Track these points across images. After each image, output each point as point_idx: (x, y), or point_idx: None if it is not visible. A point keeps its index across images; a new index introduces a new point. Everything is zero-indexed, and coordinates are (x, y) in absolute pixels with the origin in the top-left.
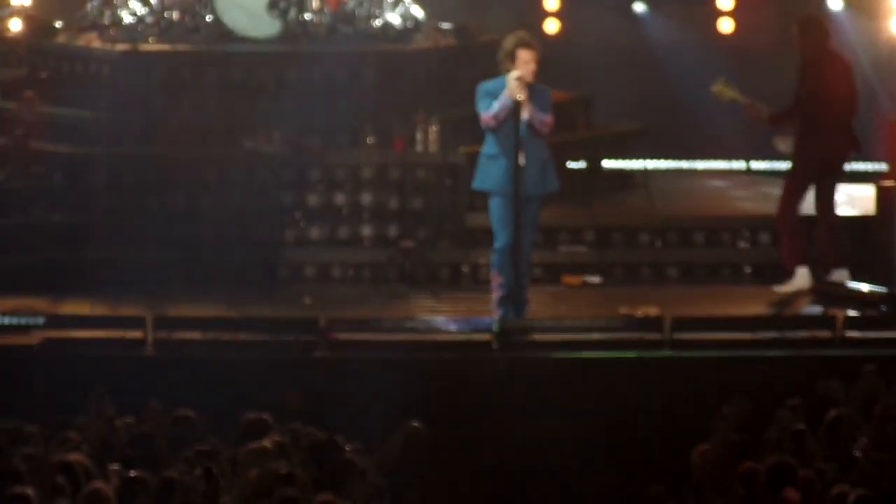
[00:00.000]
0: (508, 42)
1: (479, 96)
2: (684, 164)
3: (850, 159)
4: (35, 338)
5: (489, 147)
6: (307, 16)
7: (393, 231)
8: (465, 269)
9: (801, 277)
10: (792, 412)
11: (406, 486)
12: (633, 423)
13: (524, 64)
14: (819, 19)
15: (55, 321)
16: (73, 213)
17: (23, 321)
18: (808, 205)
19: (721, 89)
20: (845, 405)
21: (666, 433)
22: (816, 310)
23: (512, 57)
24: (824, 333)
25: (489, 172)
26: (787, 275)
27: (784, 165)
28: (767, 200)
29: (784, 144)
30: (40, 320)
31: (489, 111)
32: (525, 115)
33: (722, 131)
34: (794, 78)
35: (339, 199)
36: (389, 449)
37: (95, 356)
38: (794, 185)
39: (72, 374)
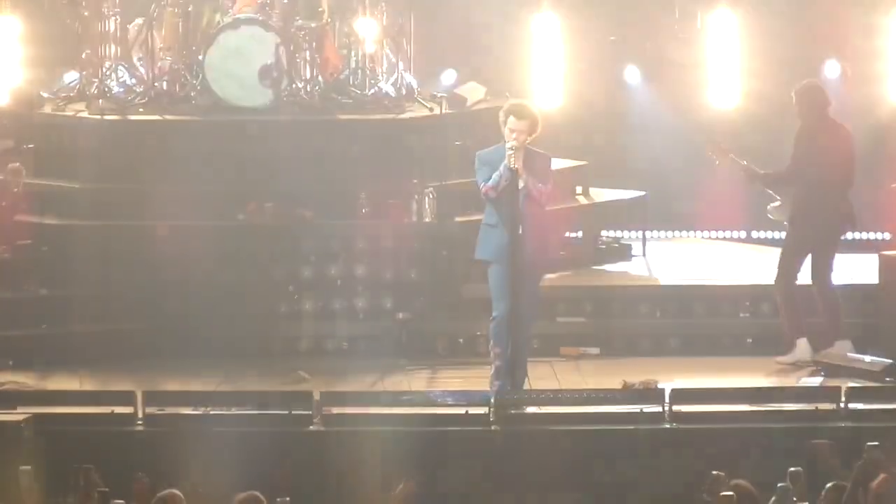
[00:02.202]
0: (501, 110)
1: (476, 165)
2: (683, 234)
3: (844, 232)
4: (23, 413)
5: (489, 216)
6: (299, 84)
7: (388, 303)
8: (462, 340)
9: (802, 348)
10: (793, 484)
11: None
12: (634, 497)
13: (514, 133)
14: (819, 87)
15: (43, 396)
16: (61, 286)
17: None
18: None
19: (716, 152)
20: (845, 473)
21: None
22: (818, 381)
23: (504, 125)
24: (827, 405)
25: (488, 241)
26: (788, 346)
27: (783, 234)
28: (768, 270)
29: (778, 213)
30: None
31: (488, 183)
32: (522, 184)
33: (721, 200)
34: (792, 144)
35: (333, 270)
36: None
37: (84, 432)
38: (790, 254)
39: (60, 450)
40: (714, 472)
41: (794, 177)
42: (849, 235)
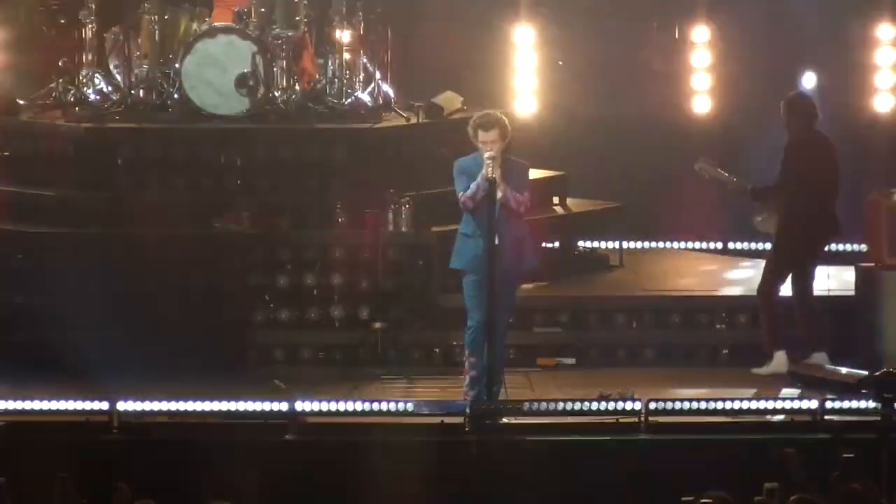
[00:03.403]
0: (469, 125)
1: (455, 174)
2: (661, 244)
3: (830, 243)
4: None
5: (465, 226)
6: (276, 93)
7: (364, 312)
8: (438, 350)
9: (779, 360)
10: (769, 497)
11: None
12: None
13: (487, 145)
14: (808, 99)
15: (17, 405)
16: (36, 294)
17: None
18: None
19: (703, 167)
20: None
21: None
22: (794, 393)
23: (475, 138)
24: (802, 417)
25: (464, 251)
26: (767, 357)
27: (761, 245)
28: (745, 281)
29: (765, 225)
30: None
31: (466, 193)
32: (500, 194)
33: (699, 211)
34: (779, 157)
35: (309, 279)
36: None
37: (59, 440)
38: (777, 265)
39: (35, 459)
40: (684, 499)
41: (783, 190)
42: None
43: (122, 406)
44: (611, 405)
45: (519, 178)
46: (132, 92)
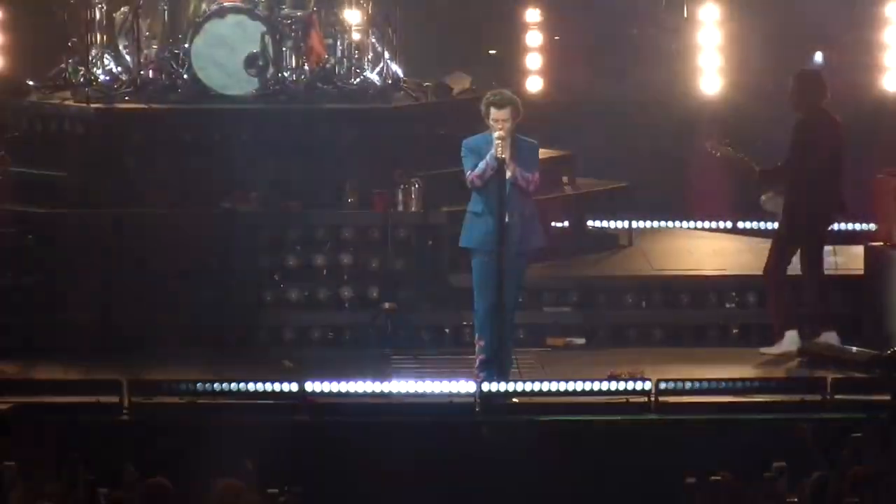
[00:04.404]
0: (482, 102)
1: (463, 153)
2: (670, 224)
3: (836, 220)
4: (6, 403)
5: (474, 205)
6: (285, 73)
7: (374, 292)
8: (448, 330)
9: (790, 339)
10: (778, 475)
11: None
12: (619, 487)
13: (499, 123)
14: (818, 75)
15: (28, 386)
16: (46, 274)
17: None
18: (796, 265)
19: (714, 145)
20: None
21: (651, 498)
22: (804, 372)
23: (487, 117)
24: (813, 397)
25: (473, 230)
26: (776, 336)
27: (771, 225)
28: (754, 260)
29: (771, 204)
30: None
31: (474, 171)
32: (509, 173)
33: (708, 190)
34: (787, 135)
35: (319, 259)
36: None
37: (70, 421)
38: (781, 244)
39: (45, 440)
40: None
41: (790, 170)
42: (835, 226)
43: (132, 387)
44: (621, 385)
45: (529, 157)
46: (141, 72)
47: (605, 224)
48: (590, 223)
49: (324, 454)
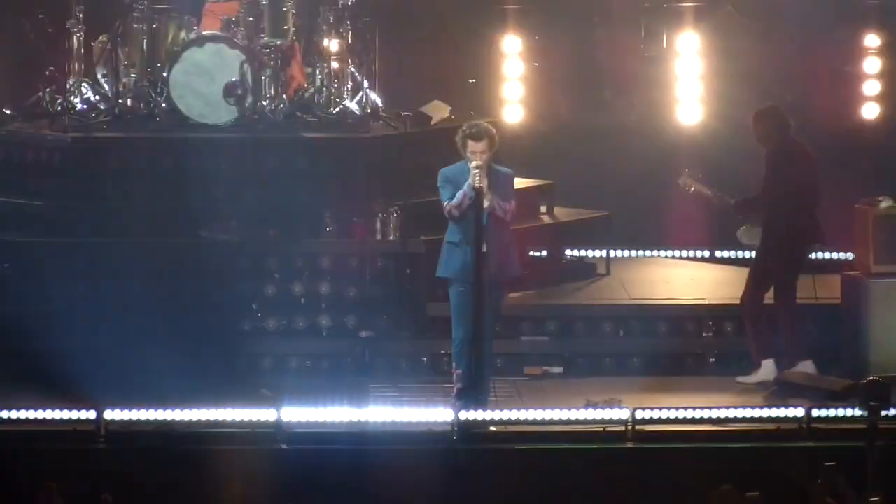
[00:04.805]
0: (458, 135)
1: (440, 182)
2: (647, 253)
3: (814, 251)
4: None
5: (451, 235)
6: (264, 102)
7: (352, 321)
8: (426, 359)
9: (767, 369)
10: None
11: None
12: None
13: (476, 155)
14: (777, 110)
15: (4, 413)
16: (23, 303)
17: None
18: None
19: (687, 181)
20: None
21: None
22: (781, 402)
23: (464, 148)
24: (789, 426)
25: (450, 260)
26: (753, 365)
27: (748, 254)
28: (732, 290)
29: (748, 237)
30: None
31: (452, 202)
32: (486, 203)
33: (686, 219)
34: (759, 165)
35: (297, 288)
36: None
37: (46, 448)
38: (758, 274)
39: (22, 466)
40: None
41: (765, 202)
42: (813, 255)
43: (109, 415)
44: (598, 414)
45: (505, 186)
46: (120, 101)
47: (582, 253)
48: (567, 252)
49: (301, 483)
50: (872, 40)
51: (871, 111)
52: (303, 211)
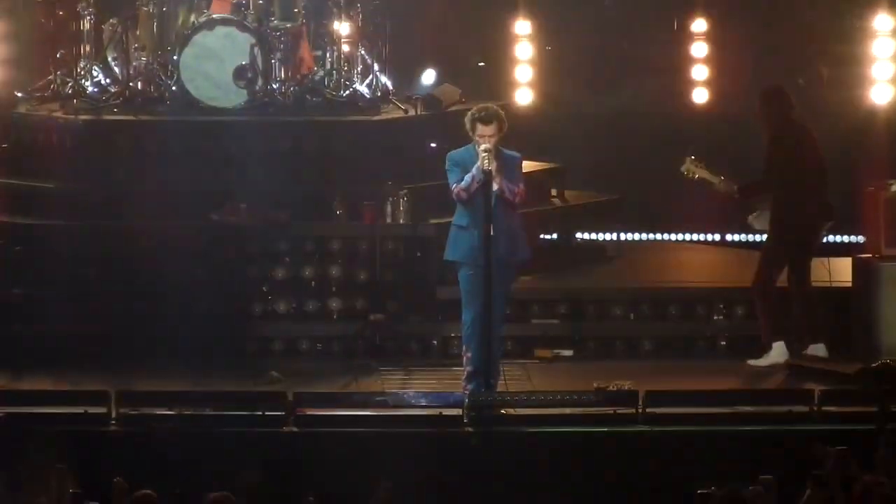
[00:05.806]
0: (467, 118)
1: (448, 166)
2: (658, 236)
3: (824, 230)
4: None
5: (459, 218)
6: (274, 85)
7: (362, 304)
8: (436, 342)
9: (778, 351)
10: (765, 489)
11: None
12: (606, 499)
13: (485, 138)
14: (782, 91)
15: (16, 396)
16: (35, 286)
17: None
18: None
19: (689, 168)
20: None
21: None
22: (792, 384)
23: (473, 132)
24: (800, 408)
25: (459, 243)
26: (764, 348)
27: (759, 238)
28: (742, 273)
29: (759, 222)
30: None
31: (460, 185)
32: (496, 185)
33: (696, 203)
34: (765, 150)
35: (307, 271)
36: None
37: (57, 432)
38: (769, 257)
39: (33, 450)
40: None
41: (769, 184)
42: (825, 238)
43: (120, 398)
44: (608, 396)
45: (513, 169)
46: (130, 84)
47: (593, 236)
48: (578, 235)
49: (312, 466)
50: (884, 22)
51: (882, 94)
52: (313, 194)
